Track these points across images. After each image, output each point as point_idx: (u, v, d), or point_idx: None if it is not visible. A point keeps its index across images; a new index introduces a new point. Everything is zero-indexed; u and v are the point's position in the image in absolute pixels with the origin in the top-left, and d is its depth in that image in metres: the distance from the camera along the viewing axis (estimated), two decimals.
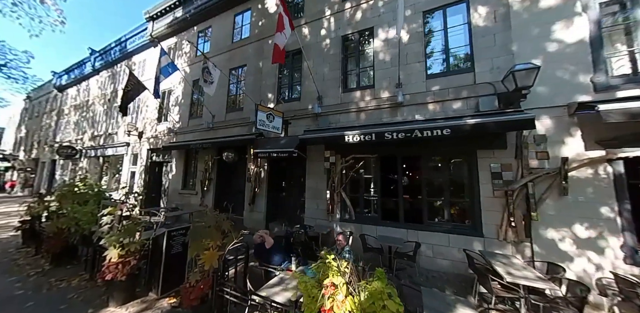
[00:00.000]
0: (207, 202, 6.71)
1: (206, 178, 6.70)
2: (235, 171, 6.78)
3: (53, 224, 3.63)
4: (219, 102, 7.01)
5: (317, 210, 4.97)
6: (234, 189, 6.78)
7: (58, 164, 13.84)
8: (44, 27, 5.49)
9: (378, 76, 4.70)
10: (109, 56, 11.39)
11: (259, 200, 5.74)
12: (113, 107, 10.97)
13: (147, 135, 8.82)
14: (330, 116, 5.09)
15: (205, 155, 6.88)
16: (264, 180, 5.78)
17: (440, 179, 4.14)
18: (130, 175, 9.39)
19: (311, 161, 5.18)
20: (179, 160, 7.65)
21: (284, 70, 6.14)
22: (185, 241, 3.17)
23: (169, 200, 7.68)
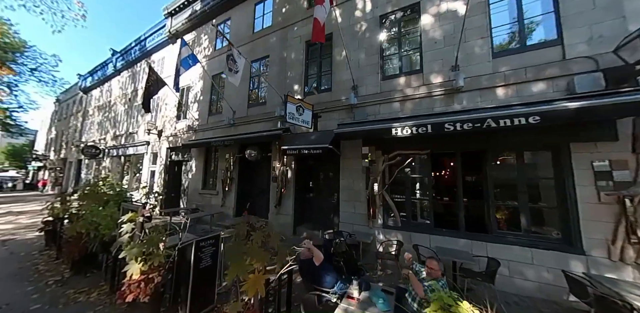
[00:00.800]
0: (228, 203, 6.32)
1: (227, 178, 6.30)
2: (258, 170, 6.33)
3: (72, 227, 3.30)
4: (240, 97, 6.59)
5: (354, 214, 4.36)
6: (256, 189, 6.33)
7: (84, 164, 14.25)
8: (66, 22, 5.30)
9: (427, 59, 4.01)
10: (129, 56, 11.45)
11: (286, 202, 5.23)
12: (133, 106, 11.00)
13: (166, 134, 8.64)
14: (368, 107, 4.46)
15: (226, 153, 6.49)
16: (291, 180, 5.25)
17: (512, 179, 3.38)
18: (150, 174, 9.28)
19: (346, 158, 4.58)
20: (198, 159, 7.34)
21: (311, 59, 5.58)
22: (215, 252, 2.68)
23: (189, 200, 7.39)
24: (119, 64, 12.25)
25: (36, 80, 14.75)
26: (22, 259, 4.01)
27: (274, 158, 5.54)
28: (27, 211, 8.73)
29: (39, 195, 15.21)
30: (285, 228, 5.17)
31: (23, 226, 6.32)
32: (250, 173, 6.48)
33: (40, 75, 14.82)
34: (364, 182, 4.31)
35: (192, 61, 5.31)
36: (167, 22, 9.21)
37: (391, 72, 4.48)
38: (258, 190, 6.29)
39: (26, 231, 5.80)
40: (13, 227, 6.19)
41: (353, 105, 4.55)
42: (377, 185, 4.10)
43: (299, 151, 4.46)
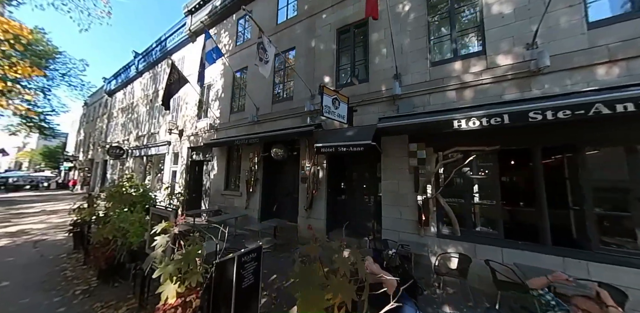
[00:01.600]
0: (252, 205, 5.97)
1: (251, 179, 5.96)
2: (284, 170, 5.94)
3: (99, 232, 3.04)
4: (263, 93, 6.24)
5: (399, 220, 3.81)
6: (282, 191, 5.94)
7: (109, 164, 14.73)
8: (92, 20, 5.18)
9: (492, 37, 3.37)
10: (150, 57, 11.59)
11: (318, 205, 4.77)
12: (154, 107, 11.09)
13: (187, 133, 8.52)
14: (415, 98, 3.89)
15: (250, 152, 6.16)
16: (323, 181, 4.79)
17: (621, 181, 2.68)
18: (171, 174, 9.24)
19: (388, 157, 4.04)
20: (220, 159, 7.10)
21: (344, 48, 5.08)
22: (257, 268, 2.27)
23: (211, 202, 7.17)
24: (141, 65, 12.46)
25: (66, 84, 15.49)
26: (50, 263, 3.86)
27: (303, 157, 5.11)
28: (59, 210, 8.98)
29: (69, 194, 15.97)
30: (317, 234, 4.70)
31: (54, 226, 6.37)
32: (275, 173, 6.10)
33: (70, 80, 15.55)
34: (411, 183, 3.74)
35: (217, 55, 5.01)
36: (187, 21, 9.11)
37: (443, 57, 3.88)
38: (284, 191, 5.89)
39: (56, 231, 5.80)
40: (45, 227, 6.25)
41: (396, 96, 3.99)
42: (429, 187, 3.52)
43: (335, 149, 3.97)
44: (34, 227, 6.25)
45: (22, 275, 3.40)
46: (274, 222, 4.91)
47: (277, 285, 3.19)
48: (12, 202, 11.34)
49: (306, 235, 4.86)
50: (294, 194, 5.80)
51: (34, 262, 3.90)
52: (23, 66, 4.92)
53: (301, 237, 4.93)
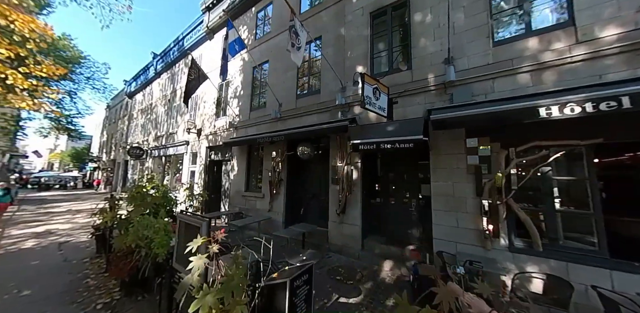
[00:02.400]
0: (276, 207, 5.58)
1: (275, 179, 5.56)
2: (310, 170, 5.49)
3: (120, 239, 2.73)
4: (287, 88, 5.82)
5: (456, 229, 3.22)
6: (308, 193, 5.50)
7: (129, 164, 15.08)
8: (113, 15, 5.00)
9: (583, 4, 2.70)
10: (168, 57, 11.62)
11: (352, 209, 4.27)
12: (173, 107, 11.09)
13: (205, 132, 8.32)
14: (475, 84, 3.28)
15: (272, 151, 5.77)
16: (357, 182, 4.27)
17: None
18: (189, 174, 9.11)
19: (440, 155, 3.46)
20: (240, 158, 6.78)
21: (379, 34, 4.54)
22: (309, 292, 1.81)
23: (231, 204, 6.87)
24: (159, 66, 12.57)
25: (90, 87, 16.06)
26: (73, 269, 3.65)
27: (334, 155, 4.62)
28: (84, 210, 9.13)
29: (93, 194, 16.57)
30: (351, 242, 4.21)
31: (79, 226, 6.34)
32: (301, 173, 5.67)
33: (94, 83, 16.11)
34: (471, 185, 3.14)
35: (239, 47, 4.65)
36: (205, 18, 8.94)
37: (510, 34, 3.24)
38: (310, 193, 5.45)
39: (80, 232, 5.71)
40: (70, 227, 6.23)
41: (449, 83, 3.40)
42: (497, 190, 2.91)
43: (376, 146, 3.45)
44: (60, 227, 6.24)
45: (44, 282, 3.19)
46: (303, 228, 4.47)
47: (317, 306, 2.73)
48: (43, 201, 11.79)
49: (338, 241, 4.38)
50: (320, 196, 5.34)
51: (57, 267, 3.71)
52: (47, 65, 4.82)
53: (332, 244, 4.45)
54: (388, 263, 3.75)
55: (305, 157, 5.07)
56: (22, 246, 4.67)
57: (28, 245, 4.71)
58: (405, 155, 4.16)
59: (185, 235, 2.13)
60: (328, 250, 4.46)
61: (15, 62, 4.64)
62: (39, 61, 4.70)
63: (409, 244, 4.01)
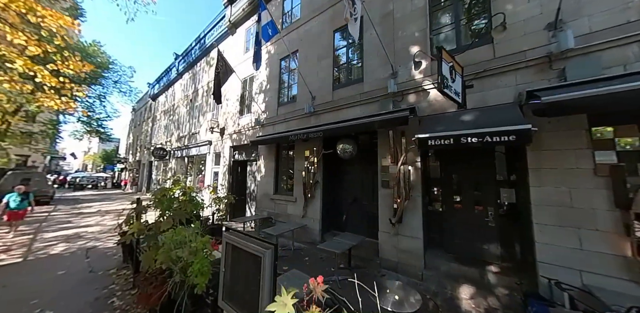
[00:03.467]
0: (311, 213, 4.95)
1: (309, 181, 4.94)
2: (351, 171, 4.81)
3: (148, 257, 2.22)
4: (321, 78, 5.18)
5: (579, 252, 2.36)
6: (350, 197, 4.81)
7: (153, 165, 15.37)
8: (138, 8, 4.68)
9: None
10: (190, 57, 11.53)
11: (412, 219, 3.51)
12: (195, 106, 10.95)
13: (229, 131, 7.94)
14: (605, 52, 2.39)
15: (306, 150, 5.16)
16: (417, 186, 3.51)
17: None
18: (212, 175, 8.81)
19: (545, 150, 2.61)
20: (268, 158, 6.26)
21: (439, 6, 3.73)
22: None
23: (258, 207, 6.37)
24: (181, 66, 12.56)
25: (117, 90, 16.62)
26: (98, 282, 3.27)
27: (384, 154, 3.89)
28: (112, 210, 9.19)
29: (121, 193, 17.17)
30: (410, 258, 3.45)
31: (106, 229, 6.17)
32: (340, 175, 5.01)
33: (120, 86, 16.66)
34: (604, 192, 2.27)
35: (272, 30, 4.11)
36: (227, 12, 8.59)
37: None
38: (351, 197, 4.76)
39: (108, 236, 5.49)
40: (98, 230, 6.07)
41: (560, 54, 2.54)
42: None
43: (454, 140, 2.67)
44: (88, 230, 6.11)
45: (68, 300, 2.81)
46: (350, 238, 3.78)
47: None
48: (77, 201, 12.25)
49: (392, 257, 3.64)
50: (362, 201, 4.64)
51: (84, 279, 3.35)
52: (74, 61, 4.58)
53: (384, 259, 3.73)
54: (466, 289, 2.96)
55: (347, 156, 4.39)
56: (51, 251, 4.47)
57: (57, 250, 4.50)
58: (476, 152, 3.34)
59: (236, 262, 1.53)
60: (379, 266, 3.74)
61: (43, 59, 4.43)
62: (66, 57, 4.46)
63: (487, 264, 3.19)
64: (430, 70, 3.53)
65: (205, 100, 10.02)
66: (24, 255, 4.18)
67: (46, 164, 28.93)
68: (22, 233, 5.62)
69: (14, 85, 4.29)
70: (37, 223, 6.82)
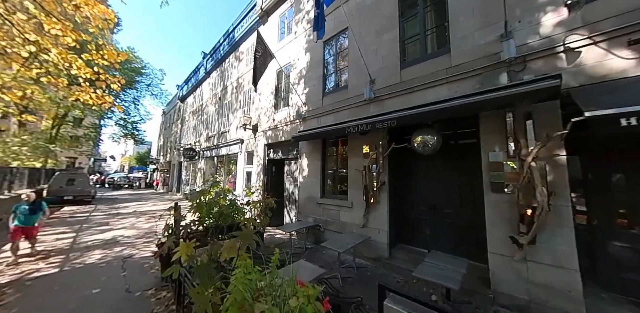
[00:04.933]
0: (375, 222, 4.00)
1: (372, 183, 3.99)
2: (432, 169, 3.77)
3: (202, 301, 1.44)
4: (383, 57, 4.22)
5: None
6: (425, 203, 3.77)
7: (183, 166, 15.53)
8: None
9: None
10: (218, 53, 11.25)
11: (555, 238, 2.39)
12: (223, 104, 10.61)
13: (262, 128, 7.30)
14: None
15: (364, 145, 4.23)
16: (563, 191, 2.38)
17: None
18: (245, 176, 8.26)
19: None
20: (312, 156, 5.44)
21: None
22: None
23: (300, 213, 5.58)
24: (209, 65, 12.40)
25: (149, 93, 17.21)
26: (136, 307, 2.65)
27: (492, 145, 2.81)
28: (146, 212, 9.08)
29: (153, 193, 17.72)
30: (556, 298, 2.34)
31: (142, 233, 5.80)
32: (412, 175, 4.00)
33: (152, 89, 17.23)
34: None
35: None
36: (258, 0, 8.00)
37: None
38: (428, 204, 3.72)
39: (144, 242, 5.05)
40: (135, 234, 5.71)
41: None
42: None
43: None
44: (125, 233, 5.79)
45: None
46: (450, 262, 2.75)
47: None
48: (114, 201, 12.62)
49: (519, 292, 2.55)
50: (445, 208, 3.58)
51: (119, 302, 2.76)
52: (109, 50, 4.15)
53: (501, 293, 2.65)
54: None
55: (428, 151, 3.37)
56: (88, 259, 4.06)
57: (94, 259, 4.09)
58: None
59: None
60: (493, 302, 2.67)
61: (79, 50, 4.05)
62: (100, 46, 4.05)
63: None
64: (581, 20, 2.39)
65: (235, 97, 9.57)
66: (61, 265, 3.78)
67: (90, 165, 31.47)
68: (64, 236, 5.43)
69: (50, 78, 3.95)
70: (79, 224, 6.74)
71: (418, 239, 3.83)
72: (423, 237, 3.78)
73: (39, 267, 3.67)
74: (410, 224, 3.92)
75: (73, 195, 10.58)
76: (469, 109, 2.68)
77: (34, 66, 3.74)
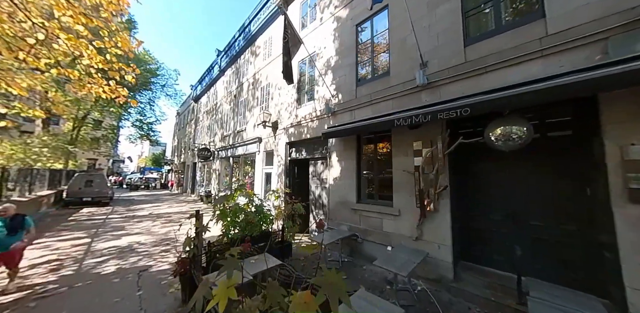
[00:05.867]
0: (433, 235, 3.27)
1: (428, 187, 3.28)
2: (504, 170, 3.01)
3: None
4: (435, 35, 3.50)
5: None
6: (500, 212, 3.01)
7: (197, 167, 15.36)
8: None
9: None
10: (233, 50, 10.87)
11: None
12: (239, 102, 10.18)
13: (283, 125, 6.74)
14: None
15: (415, 141, 3.53)
16: None
17: None
18: (264, 177, 7.74)
19: None
20: (344, 155, 4.79)
21: None
22: None
23: (331, 219, 4.93)
24: (224, 62, 12.07)
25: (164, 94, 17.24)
26: None
27: (624, 136, 2.03)
28: (162, 215, 8.78)
29: (168, 194, 17.73)
30: None
31: (159, 240, 5.37)
32: (480, 177, 3.24)
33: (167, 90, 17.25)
34: None
35: None
36: None
37: None
38: (503, 213, 2.95)
39: (161, 251, 4.59)
40: (150, 241, 5.29)
41: None
42: None
43: None
44: (141, 239, 5.39)
45: None
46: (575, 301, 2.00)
47: None
48: (131, 202, 12.56)
49: None
50: (531, 220, 2.81)
51: None
52: (122, 37, 3.70)
53: None
54: None
55: (513, 146, 2.61)
56: (102, 271, 3.62)
57: (108, 271, 3.64)
58: None
59: None
60: None
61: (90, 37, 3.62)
62: (113, 32, 3.61)
63: None
64: None
65: (252, 94, 9.10)
66: (72, 280, 3.34)
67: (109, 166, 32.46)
68: (80, 243, 5.09)
69: (60, 70, 3.54)
70: (95, 228, 6.46)
71: (489, 257, 3.07)
72: (497, 255, 3.02)
73: (48, 281, 3.25)
74: (480, 238, 3.16)
75: (91, 197, 10.53)
76: (596, 86, 1.92)
77: (42, 55, 3.34)
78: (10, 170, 7.02)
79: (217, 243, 3.30)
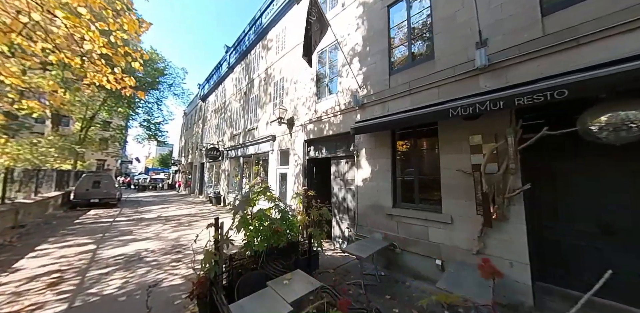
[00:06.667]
0: (504, 249, 2.67)
1: (494, 190, 2.68)
2: (600, 170, 2.37)
3: None
4: (496, 7, 2.91)
5: None
6: (592, 221, 2.37)
7: (205, 167, 15.02)
8: None
9: None
10: (243, 45, 10.44)
11: None
12: (250, 99, 9.74)
13: (301, 122, 6.22)
14: None
15: (473, 135, 2.94)
16: None
17: None
18: (279, 178, 7.24)
19: None
20: (376, 152, 4.22)
21: None
22: None
23: (360, 225, 4.37)
24: (233, 58, 11.67)
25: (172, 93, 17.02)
26: None
27: None
28: (171, 217, 8.39)
29: (176, 195, 17.50)
30: None
31: (169, 247, 4.92)
32: (562, 180, 2.60)
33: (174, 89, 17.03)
34: None
35: None
36: None
37: None
38: (596, 223, 2.31)
39: (172, 261, 4.12)
40: (160, 248, 4.84)
41: None
42: None
43: None
44: (149, 246, 4.95)
45: None
46: None
47: None
48: (139, 204, 12.28)
49: None
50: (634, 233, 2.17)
51: None
52: (129, 18, 3.24)
53: None
54: None
55: (628, 137, 2.00)
56: (106, 287, 3.15)
57: (113, 286, 3.18)
58: None
59: None
60: None
61: None
62: (118, 12, 3.15)
63: None
64: None
65: (264, 90, 8.63)
66: (72, 297, 2.88)
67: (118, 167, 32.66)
68: (84, 250, 4.69)
69: (58, 55, 3.10)
70: (101, 232, 6.07)
71: (578, 278, 2.44)
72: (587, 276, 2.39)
73: (45, 301, 2.80)
74: (563, 254, 2.54)
75: (99, 198, 10.26)
76: None
77: (37, 37, 2.91)
78: (15, 170, 6.72)
79: (239, 257, 2.80)
